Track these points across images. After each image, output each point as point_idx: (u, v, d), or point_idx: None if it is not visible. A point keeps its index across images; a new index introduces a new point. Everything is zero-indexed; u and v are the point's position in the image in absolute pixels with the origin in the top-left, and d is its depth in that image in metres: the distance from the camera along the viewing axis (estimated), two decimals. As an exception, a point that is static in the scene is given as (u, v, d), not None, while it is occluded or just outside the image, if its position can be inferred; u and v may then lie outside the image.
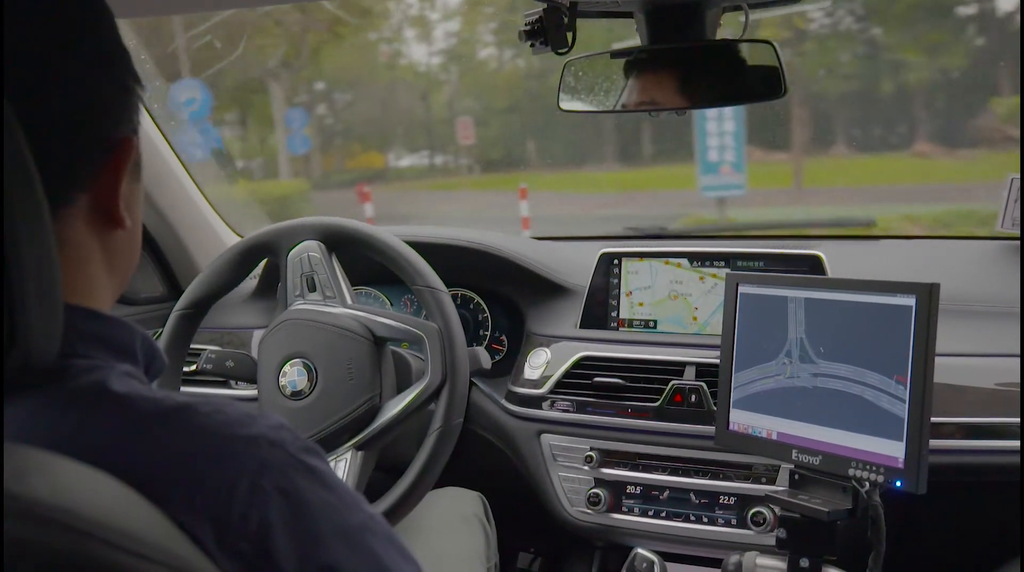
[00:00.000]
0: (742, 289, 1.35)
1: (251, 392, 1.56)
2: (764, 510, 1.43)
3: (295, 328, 1.44)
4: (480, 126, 13.89)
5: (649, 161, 12.31)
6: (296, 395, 1.41)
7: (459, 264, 1.79)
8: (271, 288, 1.95)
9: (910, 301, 1.15)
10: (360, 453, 1.39)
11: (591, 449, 1.57)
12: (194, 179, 2.02)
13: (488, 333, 1.84)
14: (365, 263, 1.51)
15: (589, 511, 1.56)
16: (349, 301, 1.47)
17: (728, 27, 1.25)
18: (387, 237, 1.47)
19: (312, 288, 1.46)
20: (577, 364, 1.61)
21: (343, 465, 1.38)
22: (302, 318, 1.44)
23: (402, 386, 1.47)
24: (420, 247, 1.49)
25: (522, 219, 8.52)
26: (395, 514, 1.37)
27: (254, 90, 12.77)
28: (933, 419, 1.14)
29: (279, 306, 1.52)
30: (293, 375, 1.42)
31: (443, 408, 1.38)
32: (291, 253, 1.48)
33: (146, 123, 1.82)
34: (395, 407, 1.40)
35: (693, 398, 1.51)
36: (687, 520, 1.51)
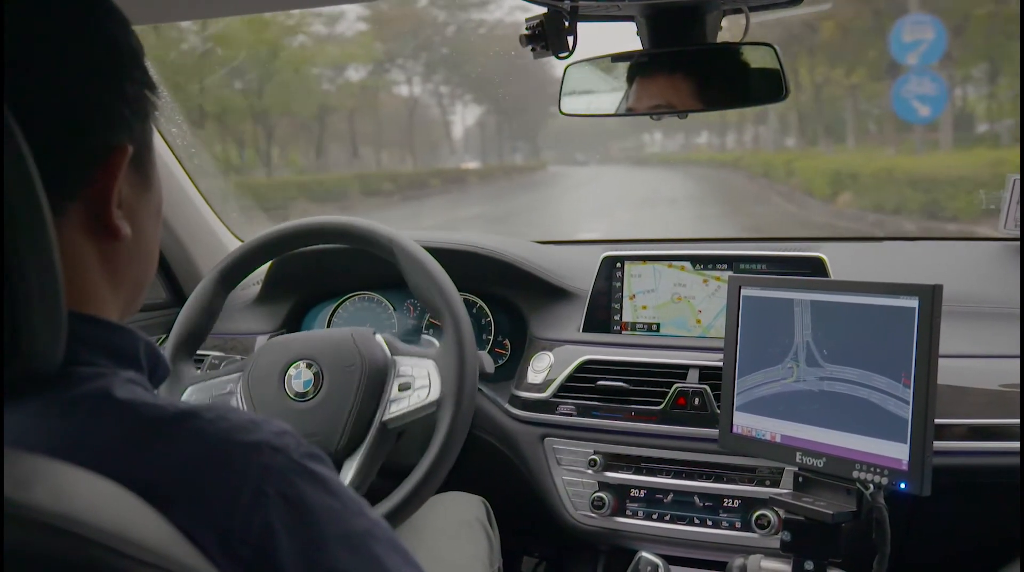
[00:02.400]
0: (745, 292, 1.35)
1: None
2: (768, 513, 1.43)
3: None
4: None
5: None
6: (301, 396, 1.41)
7: (462, 268, 1.79)
8: (274, 294, 1.95)
9: (913, 302, 1.15)
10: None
11: (595, 453, 1.57)
12: (196, 184, 2.03)
13: (491, 337, 1.84)
14: (370, 266, 1.51)
15: (593, 515, 1.56)
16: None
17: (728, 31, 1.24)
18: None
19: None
20: (580, 368, 1.61)
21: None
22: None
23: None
24: None
25: None
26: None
27: (1010, 35, 9.43)
28: (936, 421, 1.14)
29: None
30: (300, 378, 1.42)
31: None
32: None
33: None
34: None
35: (697, 401, 1.51)
36: (691, 523, 1.51)
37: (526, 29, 1.16)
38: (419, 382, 1.43)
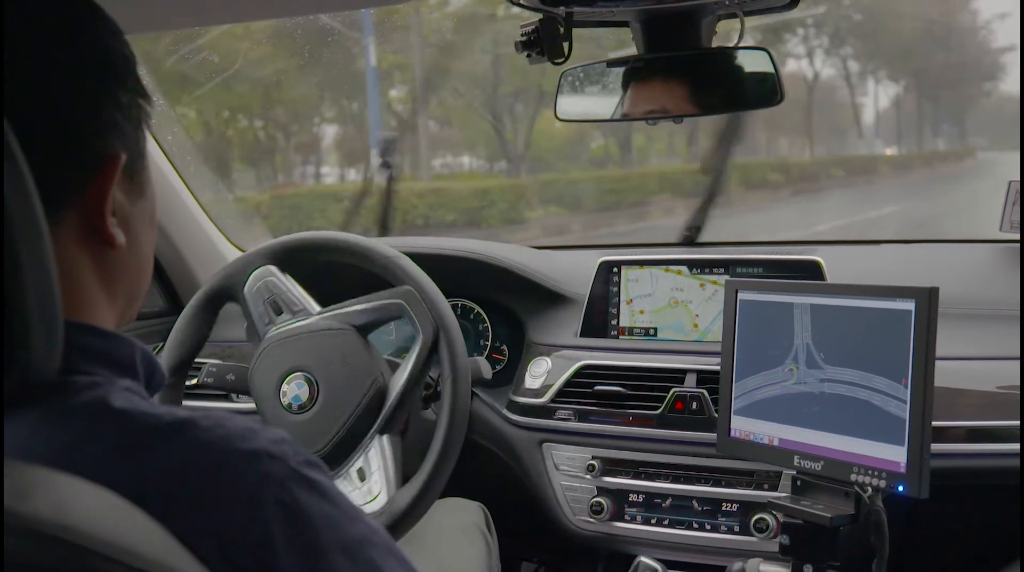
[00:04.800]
0: (742, 295, 1.35)
1: (252, 405, 1.56)
2: (767, 516, 1.43)
3: (279, 348, 1.44)
4: None
5: None
6: (301, 408, 1.40)
7: (459, 274, 1.79)
8: None
9: (909, 305, 1.15)
10: (385, 437, 1.38)
11: (593, 458, 1.57)
12: (193, 193, 2.03)
13: (488, 343, 1.84)
14: (365, 273, 1.51)
15: (592, 520, 1.56)
16: (316, 309, 1.47)
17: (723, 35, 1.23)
18: (335, 234, 1.49)
19: (278, 311, 1.47)
20: (578, 373, 1.61)
21: (375, 454, 1.37)
22: (281, 338, 1.45)
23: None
24: (420, 258, 1.48)
25: None
26: (411, 514, 1.35)
27: None
28: (934, 423, 1.14)
29: (253, 341, 1.50)
30: (294, 389, 1.41)
31: (447, 356, 1.37)
32: (247, 287, 1.49)
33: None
34: (400, 378, 1.39)
35: (694, 405, 1.51)
36: (690, 528, 1.50)
37: (521, 36, 1.17)
38: None
